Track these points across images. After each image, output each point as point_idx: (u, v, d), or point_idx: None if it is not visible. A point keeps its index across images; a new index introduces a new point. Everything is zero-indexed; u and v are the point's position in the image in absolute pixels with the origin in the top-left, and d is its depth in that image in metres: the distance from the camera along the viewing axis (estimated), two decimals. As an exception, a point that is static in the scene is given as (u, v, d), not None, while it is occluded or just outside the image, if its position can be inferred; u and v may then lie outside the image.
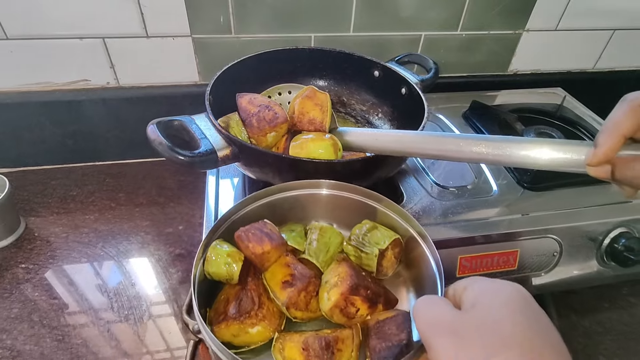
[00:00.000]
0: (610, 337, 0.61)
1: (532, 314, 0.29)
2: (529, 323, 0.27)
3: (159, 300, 0.61)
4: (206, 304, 0.41)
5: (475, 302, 0.30)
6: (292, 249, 0.45)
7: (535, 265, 0.57)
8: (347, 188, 0.48)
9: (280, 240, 0.42)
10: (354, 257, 0.46)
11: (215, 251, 0.40)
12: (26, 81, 0.73)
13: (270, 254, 0.41)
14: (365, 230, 0.46)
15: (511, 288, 0.30)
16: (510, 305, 0.29)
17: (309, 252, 0.44)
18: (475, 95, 0.84)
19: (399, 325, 0.38)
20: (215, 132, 0.49)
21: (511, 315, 0.28)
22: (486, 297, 0.30)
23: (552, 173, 0.63)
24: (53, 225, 0.71)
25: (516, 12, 0.85)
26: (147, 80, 0.78)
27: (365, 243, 0.45)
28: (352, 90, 0.73)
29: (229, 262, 0.40)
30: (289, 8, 0.74)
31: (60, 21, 0.67)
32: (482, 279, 0.33)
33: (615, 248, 0.58)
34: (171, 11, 0.70)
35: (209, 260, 0.40)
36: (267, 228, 0.42)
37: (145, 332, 0.57)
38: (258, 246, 0.40)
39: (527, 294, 0.30)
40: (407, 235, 0.46)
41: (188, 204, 0.76)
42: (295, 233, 0.46)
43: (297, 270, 0.41)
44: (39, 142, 0.78)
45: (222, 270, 0.40)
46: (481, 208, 0.59)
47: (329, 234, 0.46)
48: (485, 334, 0.27)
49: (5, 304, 0.59)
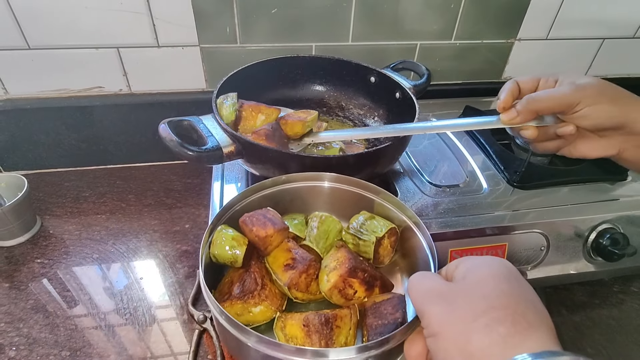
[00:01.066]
0: (599, 330, 0.63)
1: (516, 282, 0.32)
2: (512, 289, 0.31)
3: (167, 293, 0.64)
4: (211, 286, 0.44)
5: (465, 275, 0.33)
6: (293, 235, 0.48)
7: (524, 259, 0.60)
8: (346, 181, 0.51)
9: (283, 225, 0.45)
10: (352, 245, 0.49)
11: (221, 235, 0.43)
12: (44, 88, 0.78)
13: (273, 237, 0.44)
14: (363, 220, 0.49)
15: (498, 261, 0.34)
16: (496, 276, 0.32)
17: (310, 239, 0.47)
18: (469, 101, 0.87)
19: (394, 306, 0.41)
20: (220, 130, 0.53)
21: (497, 283, 0.31)
22: (475, 269, 0.33)
23: (540, 172, 0.68)
24: (67, 223, 0.75)
25: (508, 22, 0.89)
26: (157, 87, 0.82)
27: (363, 231, 0.48)
28: (350, 95, 0.77)
29: (234, 245, 0.42)
30: (291, 19, 0.79)
31: (78, 32, 0.72)
32: (470, 257, 0.36)
33: (601, 243, 0.60)
34: (181, 23, 0.75)
35: (215, 243, 0.43)
36: (270, 214, 0.45)
37: (154, 322, 0.60)
38: (261, 229, 0.43)
39: (512, 266, 0.33)
40: (403, 225, 0.49)
41: (194, 205, 0.80)
42: (297, 221, 0.49)
43: (298, 255, 0.44)
44: (54, 145, 0.82)
45: (227, 253, 0.42)
46: (472, 205, 0.62)
47: (328, 222, 0.49)
48: (473, 299, 0.30)
49: (22, 295, 0.63)
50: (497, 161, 0.70)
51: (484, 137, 0.76)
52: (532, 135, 0.49)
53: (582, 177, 0.67)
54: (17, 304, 0.61)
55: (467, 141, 0.78)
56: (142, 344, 0.57)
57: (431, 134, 0.79)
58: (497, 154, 0.72)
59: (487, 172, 0.69)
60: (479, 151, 0.75)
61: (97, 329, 0.58)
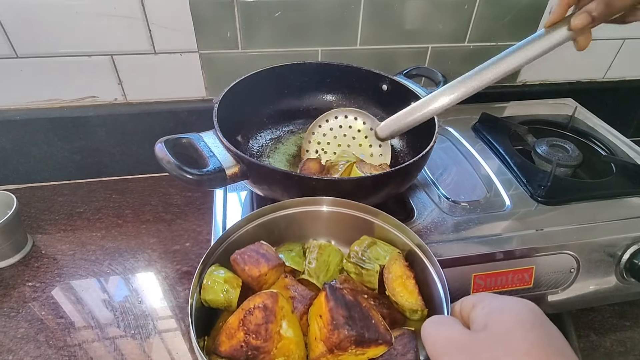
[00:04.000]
0: (632, 357, 0.59)
1: (544, 330, 0.28)
2: (541, 340, 0.27)
3: (167, 319, 0.60)
4: (204, 331, 0.40)
5: (487, 323, 0.29)
6: (290, 269, 0.44)
7: (552, 283, 0.55)
8: (343, 204, 0.47)
9: (277, 260, 0.41)
10: (354, 275, 0.45)
11: (212, 278, 0.39)
12: (35, 98, 0.74)
13: (267, 275, 0.40)
14: (365, 247, 0.45)
15: (522, 305, 0.30)
16: (522, 324, 0.28)
17: (309, 272, 0.43)
18: (485, 107, 0.83)
19: (404, 345, 0.37)
20: (223, 149, 0.49)
21: (524, 334, 0.28)
22: (497, 315, 0.30)
23: (566, 186, 0.63)
24: (60, 242, 0.70)
25: (524, 23, 0.84)
26: (155, 96, 0.78)
27: (365, 259, 0.44)
28: (361, 104, 0.72)
29: (227, 289, 0.39)
30: (295, 22, 0.74)
31: (69, 39, 0.68)
32: (490, 296, 0.32)
33: (635, 264, 0.56)
34: (179, 28, 0.70)
35: (206, 287, 0.39)
36: (263, 249, 0.41)
37: (152, 351, 0.56)
38: (254, 268, 0.39)
39: (538, 310, 0.30)
40: (407, 249, 0.45)
41: (195, 221, 0.75)
42: (294, 253, 0.45)
43: (297, 292, 0.40)
44: (46, 158, 0.78)
45: (220, 298, 0.39)
46: (494, 223, 0.58)
47: (327, 252, 0.45)
48: (499, 354, 0.27)
49: (12, 323, 0.58)
50: (519, 173, 0.66)
51: (502, 146, 0.71)
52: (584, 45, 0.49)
53: (611, 191, 0.63)
54: (7, 333, 0.57)
55: (482, 148, 0.73)
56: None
57: (441, 139, 0.74)
58: (518, 165, 0.67)
59: (508, 185, 0.65)
60: (496, 160, 0.70)
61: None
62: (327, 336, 0.35)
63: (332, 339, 0.35)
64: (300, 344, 0.38)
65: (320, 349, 0.36)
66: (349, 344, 0.35)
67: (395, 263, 0.43)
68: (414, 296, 0.41)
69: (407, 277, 0.42)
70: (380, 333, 0.37)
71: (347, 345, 0.35)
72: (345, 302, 0.37)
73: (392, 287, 0.42)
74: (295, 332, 0.37)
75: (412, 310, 0.41)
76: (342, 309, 0.36)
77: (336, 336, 0.35)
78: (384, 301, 0.43)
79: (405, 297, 0.41)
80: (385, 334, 0.37)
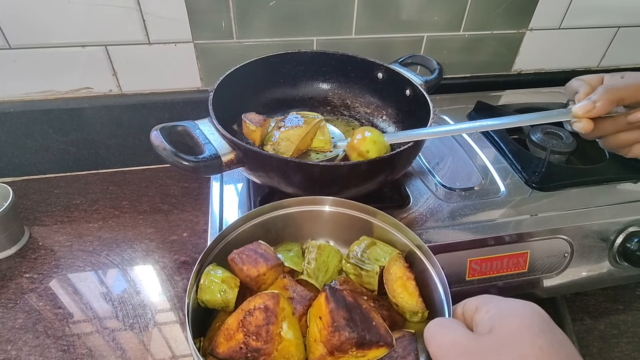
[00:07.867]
0: (625, 339, 0.60)
1: (552, 334, 0.28)
2: (551, 345, 0.27)
3: (164, 309, 0.60)
4: (200, 332, 0.39)
5: (492, 326, 0.29)
6: (289, 270, 0.43)
7: (546, 267, 0.56)
8: (341, 203, 0.46)
9: (276, 260, 0.41)
10: (353, 276, 0.44)
11: (209, 277, 0.39)
12: (29, 90, 0.73)
13: (266, 275, 0.39)
14: (364, 247, 0.44)
15: (529, 309, 0.29)
16: (530, 328, 0.28)
17: (308, 273, 0.43)
18: (480, 95, 0.83)
19: (404, 348, 0.37)
20: (219, 136, 0.49)
21: (533, 339, 0.27)
22: (503, 319, 0.29)
23: (560, 172, 0.64)
24: (57, 234, 0.70)
25: (519, 11, 0.84)
26: (150, 86, 0.77)
27: (365, 260, 0.43)
28: (356, 93, 0.72)
29: (225, 289, 0.38)
30: (290, 12, 0.74)
31: (63, 30, 0.67)
32: (494, 298, 0.31)
33: (628, 248, 0.56)
34: (173, 18, 0.70)
35: (203, 287, 0.38)
36: (262, 249, 0.40)
37: (151, 341, 0.56)
38: (253, 268, 0.39)
39: (545, 314, 0.29)
40: (406, 249, 0.44)
41: (192, 211, 0.75)
42: (293, 253, 0.44)
43: (296, 293, 0.40)
44: (41, 150, 0.78)
45: (217, 298, 0.38)
46: (489, 209, 0.58)
47: (327, 253, 0.44)
48: (506, 358, 0.26)
49: (10, 314, 0.59)
50: (514, 161, 0.66)
51: (498, 134, 0.72)
52: (588, 128, 0.50)
53: (605, 176, 0.63)
54: (5, 324, 0.57)
55: (479, 138, 0.73)
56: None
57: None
58: (513, 152, 0.67)
59: (503, 172, 0.65)
60: (492, 149, 0.70)
61: (91, 350, 0.54)
62: (328, 338, 0.35)
63: (332, 341, 0.34)
64: (300, 346, 0.37)
65: (320, 351, 0.35)
66: (350, 346, 0.34)
67: (395, 264, 0.43)
68: (414, 298, 0.41)
69: (407, 278, 0.42)
70: (381, 335, 0.36)
71: (348, 347, 0.34)
72: (346, 304, 0.36)
73: (392, 288, 0.42)
74: (295, 333, 0.37)
75: (412, 312, 0.40)
76: (343, 311, 0.36)
77: (337, 338, 0.34)
78: (383, 302, 0.43)
79: (405, 298, 0.41)
80: (386, 335, 0.37)
